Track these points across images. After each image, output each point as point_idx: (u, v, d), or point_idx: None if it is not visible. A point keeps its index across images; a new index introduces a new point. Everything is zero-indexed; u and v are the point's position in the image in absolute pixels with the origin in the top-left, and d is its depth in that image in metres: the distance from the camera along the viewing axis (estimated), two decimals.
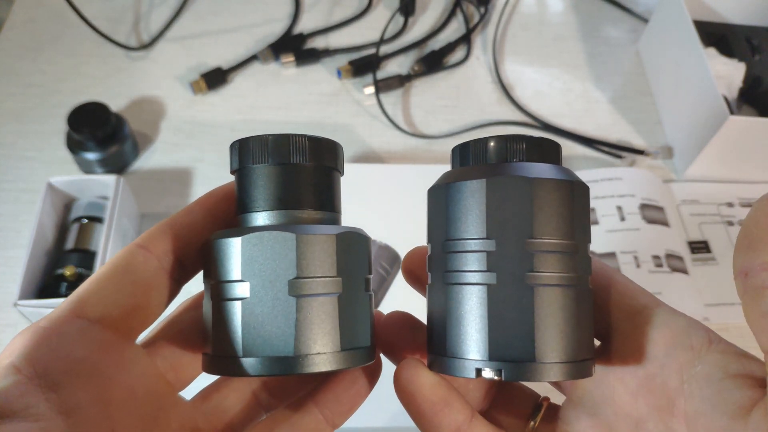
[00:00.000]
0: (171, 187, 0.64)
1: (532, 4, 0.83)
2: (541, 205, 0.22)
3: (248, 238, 0.22)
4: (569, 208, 0.23)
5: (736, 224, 0.63)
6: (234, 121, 0.68)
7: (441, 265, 0.24)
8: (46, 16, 0.76)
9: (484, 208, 0.23)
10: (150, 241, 0.24)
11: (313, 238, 0.23)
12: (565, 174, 0.23)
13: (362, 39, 0.76)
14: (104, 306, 0.23)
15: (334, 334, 0.23)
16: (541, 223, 0.22)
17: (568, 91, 0.74)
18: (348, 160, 0.66)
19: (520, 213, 0.22)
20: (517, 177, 0.22)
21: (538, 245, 0.22)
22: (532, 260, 0.22)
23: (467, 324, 0.23)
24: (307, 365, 0.22)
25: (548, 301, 0.22)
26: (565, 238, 0.22)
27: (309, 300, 0.22)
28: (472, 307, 0.23)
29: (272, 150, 0.24)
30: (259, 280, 0.22)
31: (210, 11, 0.78)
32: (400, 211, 0.56)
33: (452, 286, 0.23)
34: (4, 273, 0.57)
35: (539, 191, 0.22)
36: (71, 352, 0.21)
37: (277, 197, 0.24)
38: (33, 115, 0.68)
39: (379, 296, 0.52)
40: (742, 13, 0.73)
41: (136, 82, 0.71)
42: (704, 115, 0.62)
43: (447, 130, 0.69)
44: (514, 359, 0.22)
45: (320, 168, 0.25)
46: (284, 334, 0.22)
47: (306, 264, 0.22)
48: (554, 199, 0.22)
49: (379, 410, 0.47)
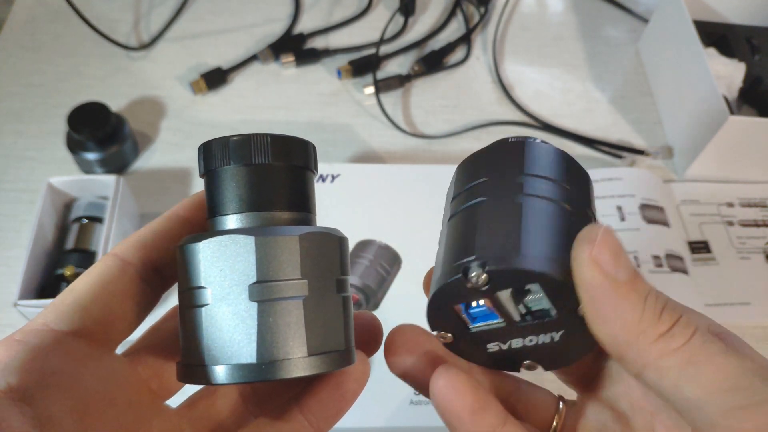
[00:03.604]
0: (171, 187, 0.64)
1: (532, 4, 0.83)
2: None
3: (207, 243, 0.22)
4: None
5: (736, 224, 0.63)
6: (234, 121, 0.68)
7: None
8: (46, 16, 0.76)
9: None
10: (126, 250, 0.24)
11: (274, 240, 0.22)
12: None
13: (362, 39, 0.76)
14: (79, 317, 0.22)
15: (300, 339, 0.22)
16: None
17: (568, 91, 0.74)
18: (348, 160, 0.66)
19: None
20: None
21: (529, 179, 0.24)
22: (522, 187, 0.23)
23: (464, 236, 0.23)
24: (272, 372, 0.21)
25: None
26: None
27: (271, 304, 0.22)
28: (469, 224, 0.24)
29: (233, 151, 0.23)
30: (220, 285, 0.22)
31: (210, 11, 0.78)
32: (400, 211, 0.56)
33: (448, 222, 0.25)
34: (4, 273, 0.57)
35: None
36: (46, 364, 0.21)
37: (241, 199, 0.23)
38: (33, 115, 0.68)
39: (379, 296, 0.52)
40: (742, 13, 0.73)
41: (136, 82, 0.71)
42: (704, 115, 0.62)
43: (447, 130, 0.69)
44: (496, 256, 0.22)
45: (287, 167, 0.24)
46: (246, 341, 0.21)
47: (267, 267, 0.22)
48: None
49: (376, 410, 0.47)
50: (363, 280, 0.52)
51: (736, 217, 0.64)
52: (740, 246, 0.62)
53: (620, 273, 0.20)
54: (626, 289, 0.20)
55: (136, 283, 0.24)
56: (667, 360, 0.20)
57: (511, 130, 0.70)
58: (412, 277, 0.53)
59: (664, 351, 0.20)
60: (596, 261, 0.20)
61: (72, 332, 0.22)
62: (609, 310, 0.20)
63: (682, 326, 0.20)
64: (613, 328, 0.21)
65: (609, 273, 0.20)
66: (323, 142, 0.68)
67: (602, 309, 0.21)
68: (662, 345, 0.20)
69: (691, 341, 0.20)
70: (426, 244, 0.55)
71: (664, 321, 0.20)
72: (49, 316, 0.22)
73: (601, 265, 0.20)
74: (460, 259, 0.22)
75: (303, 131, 0.68)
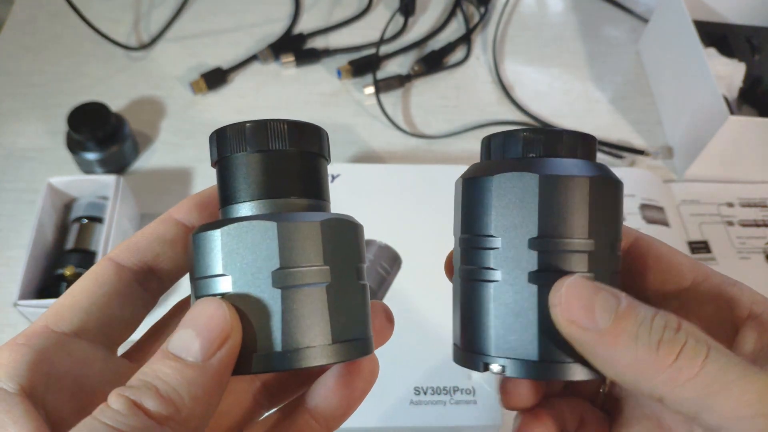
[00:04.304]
0: (171, 187, 0.64)
1: (532, 4, 0.83)
2: (548, 202, 0.22)
3: (227, 230, 0.21)
4: (584, 204, 0.22)
5: (736, 224, 0.63)
6: (234, 121, 0.68)
7: (457, 260, 0.25)
8: (46, 16, 0.76)
9: (492, 205, 0.23)
10: (120, 254, 0.24)
11: (295, 225, 0.21)
12: (586, 170, 0.23)
13: (362, 39, 0.76)
14: (79, 319, 0.23)
15: (324, 326, 0.21)
16: (547, 222, 0.22)
17: (568, 91, 0.74)
18: (348, 160, 0.66)
19: (525, 211, 0.22)
20: (523, 174, 0.22)
21: (543, 244, 0.22)
22: (536, 259, 0.22)
23: (476, 320, 0.23)
24: (297, 360, 0.21)
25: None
26: (575, 237, 0.22)
27: (295, 291, 0.21)
28: (481, 304, 0.23)
29: (250, 137, 0.22)
30: (241, 272, 0.21)
31: (210, 11, 0.78)
32: (400, 211, 0.56)
33: (464, 281, 0.24)
34: (4, 273, 0.57)
35: (546, 188, 0.22)
36: (52, 367, 0.21)
37: (258, 186, 0.23)
38: (33, 115, 0.68)
39: (379, 296, 0.52)
40: (742, 13, 0.73)
41: (136, 82, 0.71)
42: (704, 115, 0.62)
43: (447, 130, 0.69)
44: (518, 357, 0.22)
45: (303, 153, 0.23)
46: (270, 329, 0.21)
47: (289, 253, 0.21)
48: (564, 196, 0.22)
49: (376, 410, 0.47)
50: None
51: (736, 217, 0.64)
52: (740, 246, 0.62)
53: (600, 321, 0.20)
54: (612, 336, 0.20)
55: (132, 285, 0.24)
56: (681, 391, 0.20)
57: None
58: (412, 277, 0.53)
59: (676, 383, 0.20)
60: (570, 321, 0.21)
61: (73, 333, 0.22)
62: (605, 358, 0.21)
63: (689, 354, 0.20)
64: (617, 370, 0.21)
65: (588, 327, 0.20)
66: None
67: (598, 358, 0.21)
68: (672, 377, 0.20)
69: (703, 370, 0.19)
70: (426, 244, 0.55)
71: (666, 354, 0.20)
72: (49, 319, 0.22)
73: (576, 322, 0.21)
74: (478, 348, 0.23)
75: None
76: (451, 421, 0.47)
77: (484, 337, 0.23)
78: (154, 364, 0.20)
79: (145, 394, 0.19)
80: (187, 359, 0.20)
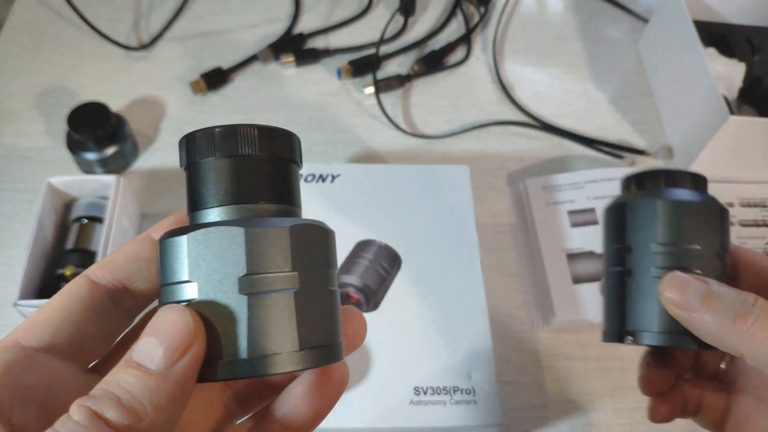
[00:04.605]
0: (171, 187, 0.64)
1: (532, 4, 0.83)
2: (666, 221, 0.32)
3: (194, 236, 0.21)
4: (693, 222, 0.32)
5: (736, 224, 0.63)
6: (234, 121, 0.68)
7: (606, 265, 0.35)
8: (46, 16, 0.76)
9: (625, 225, 0.33)
10: (95, 271, 0.24)
11: (263, 231, 0.21)
12: (694, 196, 0.33)
13: (362, 39, 0.76)
14: (50, 335, 0.22)
15: (292, 333, 0.21)
16: (665, 233, 0.32)
17: (568, 91, 0.74)
18: (348, 160, 0.66)
19: (650, 226, 0.32)
20: (649, 200, 0.32)
21: (663, 249, 0.32)
22: (657, 261, 0.31)
23: (617, 306, 0.33)
24: (263, 367, 0.20)
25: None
26: (687, 244, 0.31)
27: (262, 297, 0.21)
28: (620, 294, 0.33)
29: (219, 142, 0.22)
30: (207, 279, 0.21)
31: (210, 11, 0.78)
32: (400, 211, 0.56)
33: (610, 279, 0.34)
34: (4, 273, 0.57)
35: (667, 210, 0.32)
36: (19, 381, 0.21)
37: (226, 191, 0.22)
38: (33, 115, 0.68)
39: (378, 296, 0.52)
40: (742, 13, 0.73)
41: (136, 82, 0.71)
42: (704, 115, 0.62)
43: (447, 130, 0.69)
44: (645, 329, 0.31)
45: (273, 158, 0.23)
46: (236, 336, 0.21)
47: (257, 259, 0.21)
48: (681, 216, 0.32)
49: (376, 410, 0.47)
50: (363, 280, 0.52)
51: (736, 217, 0.64)
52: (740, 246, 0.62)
53: (691, 302, 0.29)
54: (701, 312, 0.29)
55: (106, 303, 0.24)
56: (757, 349, 0.27)
57: (511, 130, 0.70)
58: (412, 277, 0.53)
59: (753, 344, 0.27)
60: (672, 303, 0.30)
61: (42, 349, 0.22)
62: (699, 329, 0.29)
63: (761, 323, 0.27)
64: (709, 338, 0.29)
65: (684, 306, 0.29)
66: (323, 142, 0.68)
67: (696, 330, 0.29)
68: (748, 339, 0.27)
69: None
70: (425, 244, 0.55)
71: (741, 323, 0.28)
72: (19, 334, 0.22)
73: (676, 304, 0.29)
74: (618, 326, 0.33)
75: (303, 131, 0.68)
76: (451, 421, 0.47)
77: (622, 317, 0.32)
78: (117, 373, 0.20)
79: (107, 404, 0.19)
80: (149, 367, 0.19)
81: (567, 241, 0.59)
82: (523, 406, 0.53)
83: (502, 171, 0.67)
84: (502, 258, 0.61)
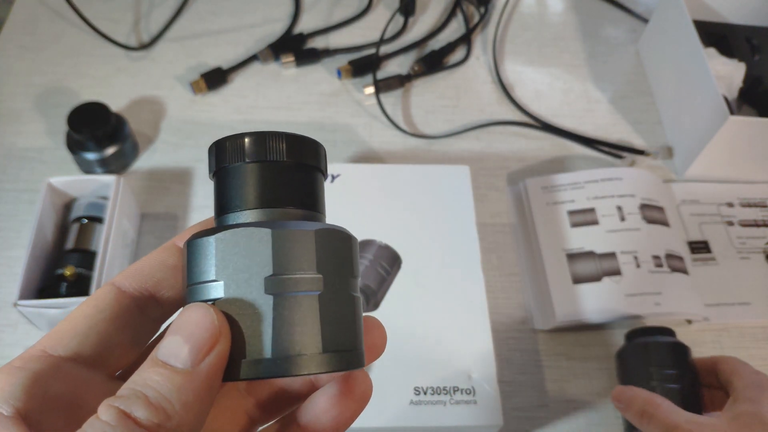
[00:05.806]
0: (171, 187, 0.64)
1: (532, 4, 0.83)
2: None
3: (221, 236, 0.21)
4: None
5: (736, 224, 0.63)
6: (234, 121, 0.68)
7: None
8: (46, 16, 0.76)
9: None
10: (122, 279, 0.24)
11: (290, 233, 0.21)
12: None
13: (362, 39, 0.76)
14: (77, 343, 0.22)
15: (315, 335, 0.21)
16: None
17: (568, 91, 0.74)
18: (348, 160, 0.66)
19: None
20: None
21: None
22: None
23: None
24: (286, 368, 0.21)
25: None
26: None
27: (287, 298, 0.21)
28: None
29: (248, 148, 0.23)
30: (234, 278, 0.21)
31: (210, 11, 0.78)
32: (400, 211, 0.56)
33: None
34: (4, 273, 0.57)
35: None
36: (47, 390, 0.21)
37: (254, 195, 0.23)
38: (33, 115, 0.68)
39: (378, 296, 0.52)
40: (742, 13, 0.73)
41: (136, 82, 0.71)
42: (704, 115, 0.62)
43: (447, 130, 0.69)
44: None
45: (300, 165, 0.24)
46: (261, 335, 0.21)
47: (283, 261, 0.21)
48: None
49: (376, 410, 0.47)
50: (363, 280, 0.52)
51: (736, 217, 0.64)
52: (740, 246, 0.62)
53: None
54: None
55: (132, 311, 0.24)
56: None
57: (511, 130, 0.70)
58: (412, 277, 0.53)
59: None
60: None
61: (69, 358, 0.22)
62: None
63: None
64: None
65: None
66: (323, 142, 0.67)
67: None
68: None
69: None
70: (425, 244, 0.55)
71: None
72: (47, 343, 0.22)
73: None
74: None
75: (303, 131, 0.68)
76: (451, 421, 0.47)
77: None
78: (144, 372, 0.20)
79: (135, 403, 0.19)
80: (176, 366, 0.20)
81: (567, 241, 0.59)
82: (523, 406, 0.53)
83: (502, 171, 0.67)
84: (502, 258, 0.61)
